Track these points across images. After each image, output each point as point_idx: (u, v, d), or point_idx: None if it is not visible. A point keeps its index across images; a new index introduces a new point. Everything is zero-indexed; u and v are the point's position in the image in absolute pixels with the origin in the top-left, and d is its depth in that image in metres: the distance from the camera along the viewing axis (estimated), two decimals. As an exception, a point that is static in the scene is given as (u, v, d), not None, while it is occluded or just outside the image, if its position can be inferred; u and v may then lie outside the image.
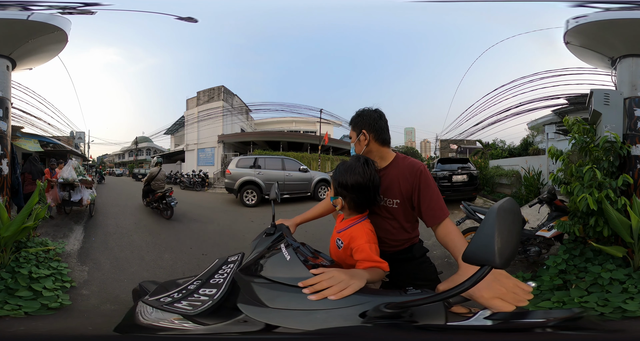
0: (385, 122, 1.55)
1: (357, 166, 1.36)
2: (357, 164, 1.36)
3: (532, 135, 8.71)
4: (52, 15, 3.62)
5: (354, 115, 1.59)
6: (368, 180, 1.35)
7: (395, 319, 0.90)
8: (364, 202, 1.39)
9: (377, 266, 1.24)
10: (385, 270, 1.25)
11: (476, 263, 0.71)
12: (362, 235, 1.33)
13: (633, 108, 3.38)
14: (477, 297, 0.98)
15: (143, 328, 1.16)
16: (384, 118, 1.55)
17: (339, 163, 1.45)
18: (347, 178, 1.35)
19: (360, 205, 1.40)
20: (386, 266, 1.25)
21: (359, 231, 1.35)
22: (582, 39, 3.82)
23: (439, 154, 10.91)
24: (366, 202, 1.40)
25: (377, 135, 1.51)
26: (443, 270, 1.62)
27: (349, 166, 1.37)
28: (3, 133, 3.64)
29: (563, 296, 2.80)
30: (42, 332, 2.30)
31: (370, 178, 1.35)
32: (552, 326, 0.94)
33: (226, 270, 1.32)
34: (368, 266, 1.23)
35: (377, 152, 1.53)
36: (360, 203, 1.39)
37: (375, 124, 1.52)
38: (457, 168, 7.15)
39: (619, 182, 3.09)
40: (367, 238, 1.32)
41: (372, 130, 1.51)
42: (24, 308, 2.70)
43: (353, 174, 1.35)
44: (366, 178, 1.34)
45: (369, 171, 1.35)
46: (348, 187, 1.35)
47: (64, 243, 4.27)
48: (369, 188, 1.35)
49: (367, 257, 1.26)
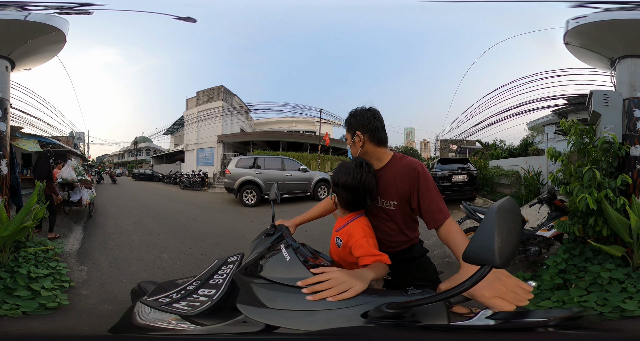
0: (380, 120, 1.51)
1: (350, 167, 1.38)
2: (350, 165, 1.39)
3: (531, 135, 8.73)
4: (49, 16, 3.62)
5: (348, 115, 1.55)
6: (357, 183, 1.36)
7: (397, 319, 0.89)
8: (354, 203, 1.40)
9: (378, 260, 1.24)
10: (387, 262, 1.24)
11: (476, 263, 0.71)
12: (358, 231, 1.34)
13: (632, 109, 3.38)
14: (477, 296, 0.98)
15: (139, 328, 1.15)
16: (378, 116, 1.51)
17: (341, 162, 1.46)
18: (339, 177, 1.39)
19: (350, 205, 1.41)
20: (387, 258, 1.24)
21: (355, 227, 1.36)
22: (581, 40, 3.83)
23: (439, 154, 10.92)
24: (356, 203, 1.40)
25: (372, 135, 1.48)
26: (443, 270, 1.62)
27: (344, 166, 1.41)
28: (2, 133, 3.63)
29: (563, 296, 2.82)
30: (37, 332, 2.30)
31: (360, 180, 1.36)
32: (552, 326, 0.95)
33: (225, 270, 1.32)
34: (370, 261, 1.23)
35: (373, 152, 1.50)
36: (349, 203, 1.40)
37: (369, 124, 1.48)
38: (457, 168, 7.16)
39: (617, 182, 3.09)
40: (364, 234, 1.33)
41: (366, 131, 1.48)
42: (22, 307, 2.70)
43: (344, 174, 1.38)
44: (355, 181, 1.36)
45: (359, 173, 1.36)
46: (338, 185, 1.39)
47: (63, 243, 4.26)
48: (357, 190, 1.36)
49: (367, 252, 1.26)
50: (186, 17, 4.39)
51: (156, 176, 12.27)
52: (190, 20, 4.42)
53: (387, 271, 1.26)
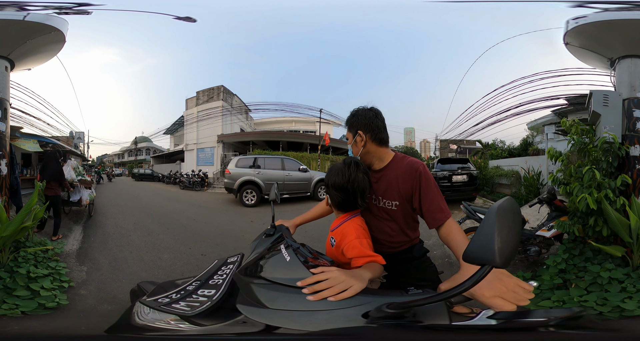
0: (382, 120, 1.50)
1: (340, 167, 1.38)
2: (341, 165, 1.38)
3: (531, 136, 8.73)
4: (48, 16, 3.61)
5: (349, 115, 1.55)
6: (347, 182, 1.34)
7: (398, 319, 0.89)
8: (344, 203, 1.38)
9: (371, 260, 1.22)
10: (381, 262, 1.22)
11: (476, 263, 0.71)
12: (351, 231, 1.32)
13: (632, 109, 3.39)
14: (478, 296, 0.98)
15: (137, 328, 1.15)
16: (380, 116, 1.51)
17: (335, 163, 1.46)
18: (329, 177, 1.39)
19: (342, 205, 1.39)
20: (381, 259, 1.23)
21: (348, 227, 1.35)
22: (581, 40, 3.83)
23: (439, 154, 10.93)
24: (347, 203, 1.38)
25: (374, 135, 1.48)
26: (444, 270, 1.62)
27: (335, 167, 1.40)
28: (2, 134, 3.63)
29: (563, 296, 2.82)
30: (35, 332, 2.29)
31: (349, 180, 1.34)
32: (553, 326, 0.94)
33: (225, 270, 1.32)
34: (363, 263, 1.21)
35: (375, 152, 1.49)
36: (340, 203, 1.39)
37: (371, 124, 1.48)
38: (457, 168, 7.16)
39: (617, 182, 3.10)
40: (357, 234, 1.30)
41: (368, 130, 1.48)
42: (21, 307, 2.70)
43: (334, 175, 1.37)
44: (344, 180, 1.34)
45: (348, 173, 1.35)
46: (328, 186, 1.40)
47: (62, 243, 4.26)
48: (347, 190, 1.35)
49: (360, 253, 1.24)
50: (186, 17, 4.39)
51: (156, 176, 12.27)
52: (190, 20, 4.42)
53: (382, 272, 1.24)
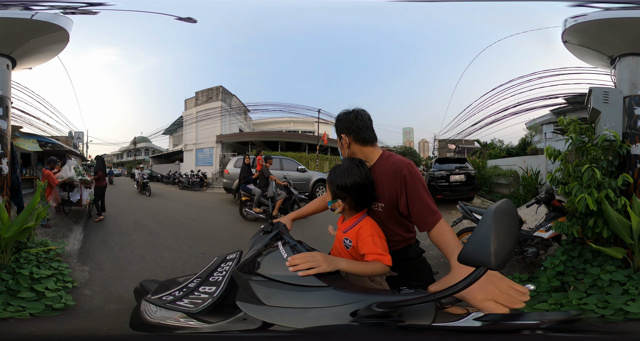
0: (365, 120, 1.52)
1: (352, 167, 1.40)
2: (352, 165, 1.40)
3: (530, 135, 8.72)
4: (55, 15, 3.61)
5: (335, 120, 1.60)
6: (366, 179, 1.39)
7: (383, 318, 0.90)
8: (364, 201, 1.43)
9: (377, 259, 1.26)
10: (386, 263, 1.26)
11: (472, 264, 0.72)
12: (367, 229, 1.37)
13: (633, 106, 3.35)
14: (469, 299, 0.97)
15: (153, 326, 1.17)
16: (361, 117, 1.52)
17: (333, 167, 1.48)
18: (345, 180, 1.38)
19: (361, 204, 1.43)
20: (388, 259, 1.27)
21: (365, 225, 1.39)
22: (580, 38, 3.82)
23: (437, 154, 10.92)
24: (366, 200, 1.43)
25: (356, 135, 1.50)
26: (439, 271, 1.62)
27: (346, 168, 1.41)
28: (3, 132, 3.63)
29: (560, 298, 2.76)
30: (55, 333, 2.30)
31: (367, 176, 1.40)
32: (544, 329, 0.93)
33: (225, 267, 1.33)
34: (371, 259, 1.27)
35: (360, 152, 1.52)
36: (360, 202, 1.42)
37: (351, 125, 1.50)
38: (455, 168, 7.16)
39: (618, 182, 3.03)
40: (371, 231, 1.35)
41: (350, 132, 1.51)
42: (28, 309, 2.67)
43: (351, 175, 1.38)
44: (363, 177, 1.39)
45: (364, 170, 1.40)
46: (348, 188, 1.38)
47: (64, 244, 4.26)
48: (366, 186, 1.40)
49: (369, 250, 1.29)
50: (187, 18, 4.39)
51: (155, 176, 12.24)
52: (191, 21, 4.42)
53: (384, 271, 1.28)
